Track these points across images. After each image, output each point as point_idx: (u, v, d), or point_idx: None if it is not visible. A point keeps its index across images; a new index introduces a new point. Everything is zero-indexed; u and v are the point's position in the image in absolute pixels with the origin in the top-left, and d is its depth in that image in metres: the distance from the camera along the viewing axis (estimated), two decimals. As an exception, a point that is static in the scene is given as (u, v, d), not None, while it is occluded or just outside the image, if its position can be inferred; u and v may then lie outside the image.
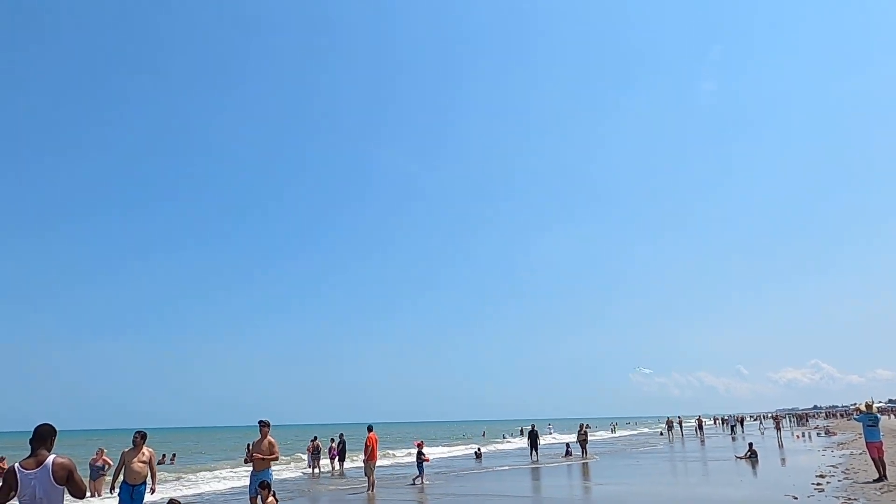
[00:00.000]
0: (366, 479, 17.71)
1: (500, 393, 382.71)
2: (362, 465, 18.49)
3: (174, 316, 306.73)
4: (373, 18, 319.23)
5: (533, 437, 31.40)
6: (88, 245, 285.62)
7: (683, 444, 41.40)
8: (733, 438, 46.18)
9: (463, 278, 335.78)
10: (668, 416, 69.39)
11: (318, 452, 26.82)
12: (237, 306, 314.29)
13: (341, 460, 27.01)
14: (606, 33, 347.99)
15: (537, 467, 25.45)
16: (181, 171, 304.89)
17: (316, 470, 26.06)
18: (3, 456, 31.22)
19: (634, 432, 74.19)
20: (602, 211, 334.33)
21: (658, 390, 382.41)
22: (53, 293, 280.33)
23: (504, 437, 61.27)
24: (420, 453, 20.47)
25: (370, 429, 17.86)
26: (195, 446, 66.93)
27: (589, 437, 31.98)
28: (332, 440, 28.11)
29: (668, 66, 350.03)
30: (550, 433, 58.59)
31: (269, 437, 10.92)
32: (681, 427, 57.45)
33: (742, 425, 64.10)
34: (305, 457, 28.59)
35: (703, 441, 44.10)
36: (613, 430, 78.35)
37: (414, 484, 19.06)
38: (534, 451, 30.54)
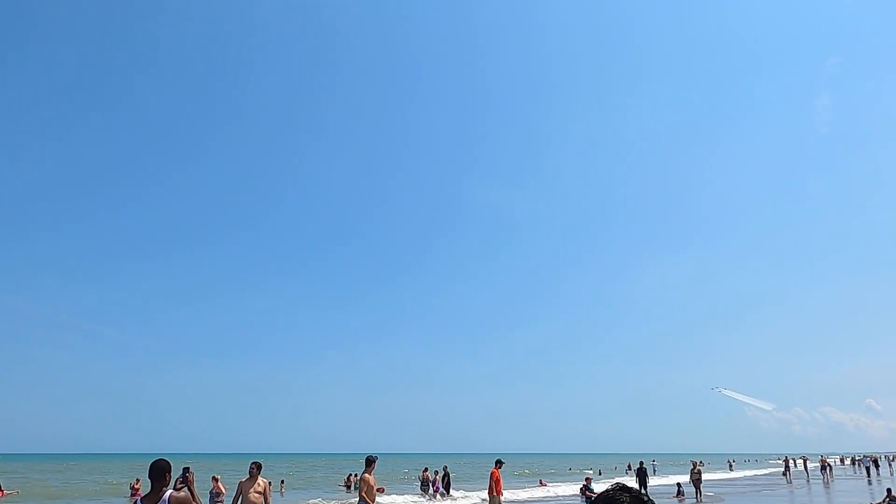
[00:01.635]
0: None
1: (602, 425, 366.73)
2: (476, 499, 18.53)
3: (263, 343, 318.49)
4: (458, 42, 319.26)
5: (641, 475, 30.29)
6: (187, 275, 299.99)
7: (809, 486, 38.35)
8: (869, 482, 42.21)
9: (561, 309, 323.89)
10: (787, 454, 64.54)
11: (429, 483, 27.40)
12: (333, 334, 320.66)
13: (447, 492, 27.44)
14: (713, 44, 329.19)
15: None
16: (273, 200, 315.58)
17: (428, 499, 26.63)
18: (139, 478, 34.34)
19: (757, 472, 69.37)
20: (713, 237, 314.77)
21: (779, 426, 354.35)
22: (150, 318, 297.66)
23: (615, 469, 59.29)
24: (587, 488, 19.96)
25: (498, 463, 17.50)
26: (295, 474, 69.22)
27: (703, 477, 30.48)
28: (437, 472, 28.61)
29: (780, 78, 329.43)
30: (654, 471, 55.93)
31: (259, 478, 10.89)
32: (805, 467, 53.19)
33: (877, 466, 58.36)
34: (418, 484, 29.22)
35: (827, 484, 40.66)
36: (731, 468, 73.83)
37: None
38: (643, 490, 29.42)
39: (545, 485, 39.64)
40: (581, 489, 19.68)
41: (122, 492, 35.19)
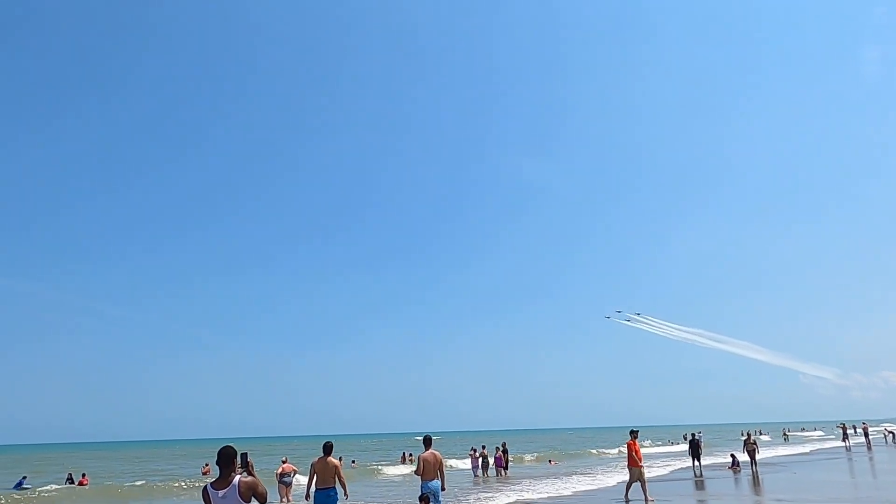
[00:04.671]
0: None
1: (640, 397, 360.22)
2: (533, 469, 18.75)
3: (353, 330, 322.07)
4: (474, 11, 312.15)
5: (694, 447, 30.44)
6: (289, 272, 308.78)
7: (872, 453, 37.99)
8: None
9: (584, 278, 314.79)
10: (843, 421, 63.43)
11: (486, 460, 28.43)
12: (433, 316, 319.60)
13: (506, 467, 28.44)
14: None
15: (703, 479, 25.08)
16: (279, 178, 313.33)
17: (484, 475, 27.69)
18: (208, 463, 36.50)
19: (813, 447, 68.39)
20: (747, 199, 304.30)
21: (837, 393, 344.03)
22: (263, 313, 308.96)
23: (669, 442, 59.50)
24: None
25: (633, 434, 17.12)
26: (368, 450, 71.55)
27: (758, 447, 30.59)
28: (497, 449, 29.61)
29: (826, 30, 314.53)
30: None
31: (331, 457, 10.94)
32: (866, 435, 52.25)
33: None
34: (468, 464, 30.36)
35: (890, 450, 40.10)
36: (785, 438, 72.96)
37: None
38: (696, 462, 29.88)
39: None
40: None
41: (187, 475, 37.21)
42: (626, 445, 17.27)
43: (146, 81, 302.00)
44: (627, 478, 17.64)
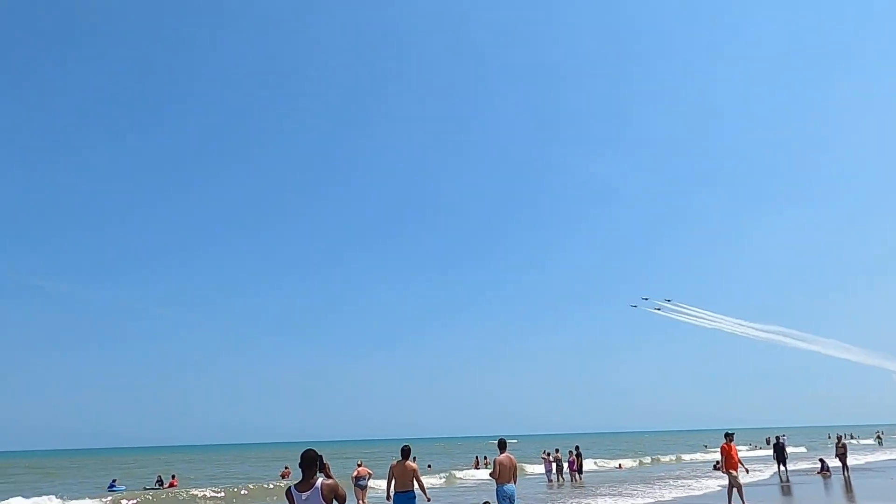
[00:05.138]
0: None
1: (719, 398, 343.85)
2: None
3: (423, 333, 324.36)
4: (537, 7, 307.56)
5: (779, 450, 29.28)
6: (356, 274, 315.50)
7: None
8: None
9: (662, 277, 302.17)
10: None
11: (561, 464, 28.14)
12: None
13: (580, 471, 28.06)
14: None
15: (790, 485, 23.95)
16: (341, 179, 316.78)
17: (561, 480, 27.42)
18: (288, 465, 37.61)
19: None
20: (838, 192, 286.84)
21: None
22: (319, 319, 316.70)
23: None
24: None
25: (729, 437, 16.26)
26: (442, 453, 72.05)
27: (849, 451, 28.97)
28: (570, 452, 29.23)
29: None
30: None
31: (408, 461, 11.00)
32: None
33: None
34: (541, 469, 30.08)
35: None
36: (879, 441, 68.66)
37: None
38: (781, 466, 28.61)
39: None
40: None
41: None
42: (720, 449, 16.52)
43: (214, 88, 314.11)
44: (727, 483, 16.70)
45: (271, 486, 31.26)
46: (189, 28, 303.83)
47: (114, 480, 36.28)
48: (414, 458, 11.53)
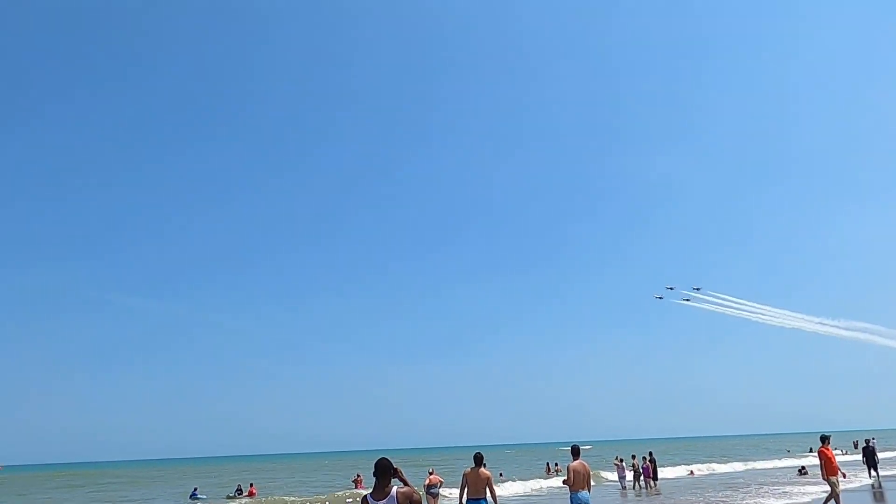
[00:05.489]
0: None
1: (805, 399, 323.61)
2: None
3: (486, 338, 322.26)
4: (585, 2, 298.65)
5: (869, 454, 27.72)
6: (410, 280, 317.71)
7: None
8: None
9: (731, 278, 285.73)
10: None
11: (638, 471, 27.56)
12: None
13: (654, 478, 27.39)
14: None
15: (882, 491, 22.59)
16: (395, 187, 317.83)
17: (637, 488, 26.84)
18: (360, 473, 38.22)
19: None
20: None
21: None
22: (363, 327, 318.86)
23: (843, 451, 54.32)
24: None
25: (825, 440, 15.62)
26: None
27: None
28: (644, 459, 28.58)
29: None
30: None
31: (482, 469, 11.06)
32: None
33: None
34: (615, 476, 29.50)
35: None
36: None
37: None
38: (872, 471, 27.04)
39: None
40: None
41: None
42: (818, 453, 15.55)
43: (265, 97, 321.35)
44: (828, 490, 15.61)
45: (346, 493, 31.82)
46: (244, 44, 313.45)
47: (195, 489, 37.57)
48: (485, 465, 11.56)
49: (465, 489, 10.98)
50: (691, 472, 40.75)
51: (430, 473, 22.91)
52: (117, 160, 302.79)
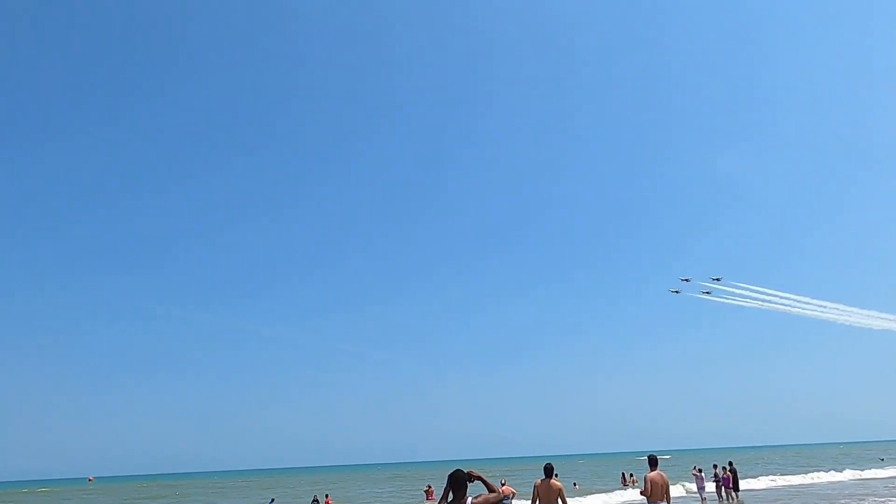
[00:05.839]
0: None
1: (876, 407, 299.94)
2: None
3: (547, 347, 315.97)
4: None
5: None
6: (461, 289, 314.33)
7: None
8: None
9: (798, 281, 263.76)
10: None
11: (720, 481, 26.66)
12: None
13: (736, 489, 26.40)
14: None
15: None
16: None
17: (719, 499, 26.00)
18: (430, 484, 38.32)
19: None
20: None
21: None
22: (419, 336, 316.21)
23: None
24: None
25: None
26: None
27: None
28: (724, 468, 27.48)
29: None
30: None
31: (553, 480, 10.98)
32: None
33: None
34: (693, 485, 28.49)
35: None
36: None
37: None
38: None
39: None
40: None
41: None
42: None
43: (312, 105, 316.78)
44: None
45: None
46: (290, 62, 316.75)
47: (272, 500, 38.49)
48: (556, 475, 11.43)
49: (537, 501, 10.79)
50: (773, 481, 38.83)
51: (503, 485, 22.77)
52: (170, 175, 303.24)
